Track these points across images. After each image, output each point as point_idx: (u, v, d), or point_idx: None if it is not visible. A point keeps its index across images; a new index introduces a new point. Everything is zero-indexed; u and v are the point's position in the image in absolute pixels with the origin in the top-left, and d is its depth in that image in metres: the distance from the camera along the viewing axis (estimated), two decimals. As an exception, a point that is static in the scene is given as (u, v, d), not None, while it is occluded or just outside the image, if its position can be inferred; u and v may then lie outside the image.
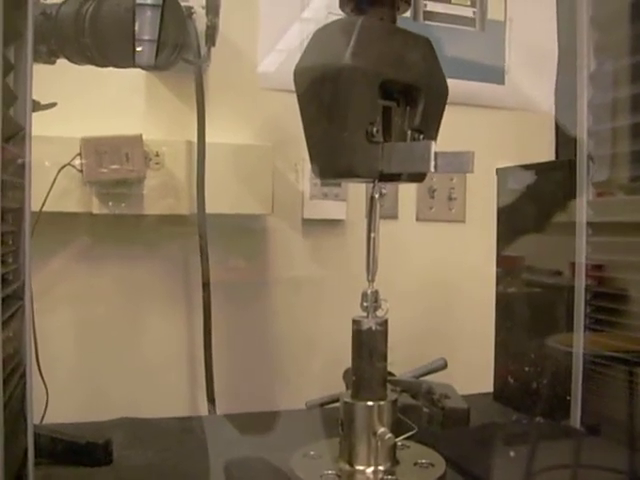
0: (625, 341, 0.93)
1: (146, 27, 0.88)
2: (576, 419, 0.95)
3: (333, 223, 1.34)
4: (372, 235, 0.74)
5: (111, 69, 0.96)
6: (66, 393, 1.14)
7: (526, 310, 1.12)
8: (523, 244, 1.11)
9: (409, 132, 0.74)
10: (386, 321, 0.74)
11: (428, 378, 1.12)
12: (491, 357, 1.23)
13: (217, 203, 1.20)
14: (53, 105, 0.93)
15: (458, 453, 0.82)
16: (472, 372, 1.21)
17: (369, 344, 0.74)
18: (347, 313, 0.77)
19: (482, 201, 1.35)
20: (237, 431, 1.01)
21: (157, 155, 1.18)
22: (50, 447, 0.88)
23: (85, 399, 1.18)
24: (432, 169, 0.66)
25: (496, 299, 1.20)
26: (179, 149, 1.20)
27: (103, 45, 0.83)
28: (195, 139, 1.19)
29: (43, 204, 1.07)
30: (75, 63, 0.89)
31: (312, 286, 1.31)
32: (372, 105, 0.71)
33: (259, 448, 0.90)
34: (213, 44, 1.16)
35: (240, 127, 1.27)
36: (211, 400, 1.22)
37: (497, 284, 1.20)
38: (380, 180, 0.74)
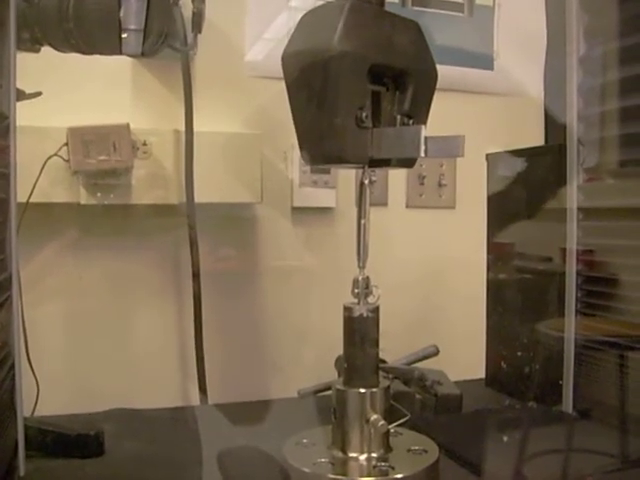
0: (616, 325, 0.93)
1: (132, 16, 0.87)
2: (568, 404, 0.95)
3: (323, 211, 1.33)
4: (362, 222, 0.74)
5: (97, 57, 0.95)
6: (57, 385, 1.13)
7: (517, 296, 1.12)
8: (513, 230, 1.11)
9: (399, 117, 0.74)
10: (377, 307, 0.74)
11: (420, 365, 1.12)
12: (482, 343, 1.23)
13: (206, 192, 1.19)
14: (38, 94, 0.92)
15: (451, 439, 0.82)
16: (463, 358, 1.21)
17: (360, 331, 0.73)
18: (338, 300, 0.77)
19: (472, 187, 1.34)
20: (229, 420, 1.01)
21: (145, 144, 1.17)
22: (41, 439, 0.88)
23: (76, 391, 1.17)
24: (422, 154, 0.66)
25: (487, 285, 1.20)
26: (167, 138, 1.19)
27: (87, 32, 0.81)
28: (183, 128, 1.18)
29: (30, 195, 1.06)
30: (59, 51, 0.88)
31: (302, 274, 1.30)
32: (361, 90, 0.70)
33: (251, 437, 0.90)
34: (199, 31, 1.15)
35: (228, 115, 1.26)
36: (203, 390, 1.22)
37: (488, 270, 1.20)
38: (370, 166, 0.73)
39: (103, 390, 1.17)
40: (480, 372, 1.24)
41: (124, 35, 0.86)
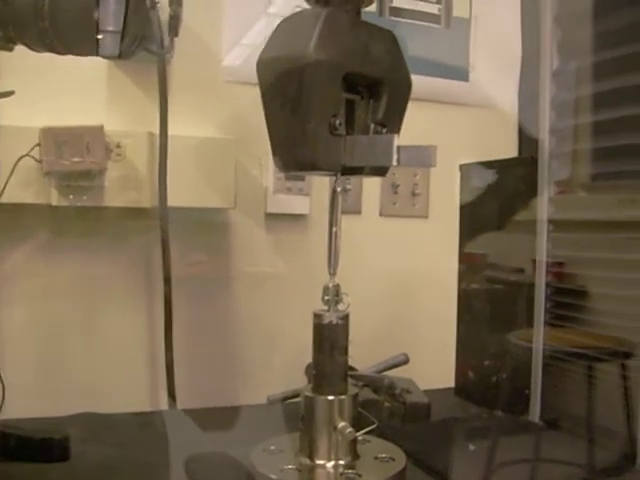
0: (584, 336, 0.94)
1: (110, 17, 0.86)
2: (535, 413, 0.96)
3: (296, 218, 1.33)
4: (334, 229, 0.74)
5: (72, 58, 0.95)
6: (23, 388, 1.12)
7: (487, 306, 1.13)
8: (485, 241, 1.12)
9: (372, 125, 0.74)
10: (347, 315, 0.74)
11: (390, 373, 1.12)
12: (452, 353, 1.23)
13: (179, 196, 1.18)
14: (11, 93, 0.91)
15: (418, 447, 0.82)
16: (434, 368, 1.22)
17: (330, 338, 0.73)
18: (309, 307, 0.76)
19: (446, 197, 1.35)
20: (197, 426, 1.01)
21: (118, 146, 1.16)
22: (4, 443, 0.86)
23: (43, 394, 1.16)
24: (395, 163, 0.66)
25: (458, 295, 1.21)
26: (141, 141, 1.18)
27: (62, 32, 0.81)
28: (157, 131, 1.18)
29: (0, 195, 1.05)
30: (34, 50, 0.87)
31: (275, 281, 1.30)
32: (335, 98, 0.70)
33: (219, 443, 0.89)
34: (176, 34, 1.15)
35: (203, 120, 1.26)
36: (172, 395, 1.21)
37: (459, 280, 1.20)
38: (342, 173, 0.73)
39: (71, 394, 1.15)
40: (450, 381, 1.24)
41: (101, 36, 0.85)
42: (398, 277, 1.38)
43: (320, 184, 1.31)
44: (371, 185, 1.39)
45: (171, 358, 1.21)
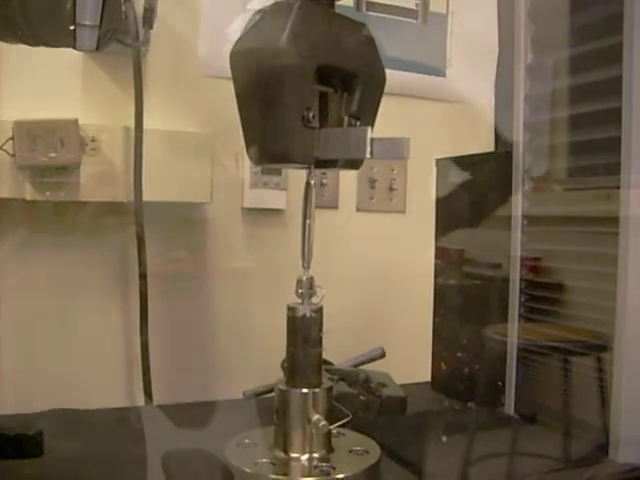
0: (560, 330, 0.94)
1: (87, 11, 0.85)
2: (510, 406, 0.97)
3: (273, 213, 1.33)
4: (307, 221, 0.74)
5: (46, 51, 0.93)
6: (-3, 385, 1.11)
7: (463, 301, 1.13)
8: (460, 235, 1.12)
9: (346, 118, 0.74)
10: (321, 308, 0.74)
11: (367, 368, 1.12)
12: (429, 347, 1.24)
13: (155, 191, 1.17)
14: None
15: (393, 440, 0.82)
16: (410, 362, 1.22)
17: (303, 331, 0.73)
18: (286, 302, 0.76)
19: (423, 192, 1.35)
20: (173, 421, 1.00)
21: (93, 140, 1.15)
22: (-24, 439, 0.86)
23: (17, 391, 1.15)
24: (368, 155, 0.67)
25: (434, 290, 1.21)
26: (116, 135, 1.17)
27: (33, 22, 0.80)
28: (133, 125, 1.17)
29: (-28, 189, 1.04)
30: (4, 41, 0.86)
31: (252, 276, 1.30)
32: (308, 90, 0.70)
33: (195, 438, 0.89)
34: (151, 27, 1.14)
35: (180, 114, 1.25)
36: (148, 392, 1.20)
37: (435, 275, 1.21)
38: (316, 166, 0.73)
39: (45, 391, 1.14)
40: (427, 375, 1.25)
41: (78, 31, 0.84)
42: (375, 272, 1.38)
43: (297, 179, 1.31)
44: (348, 180, 1.38)
45: (147, 354, 1.20)
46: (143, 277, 1.20)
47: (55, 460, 0.86)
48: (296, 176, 1.31)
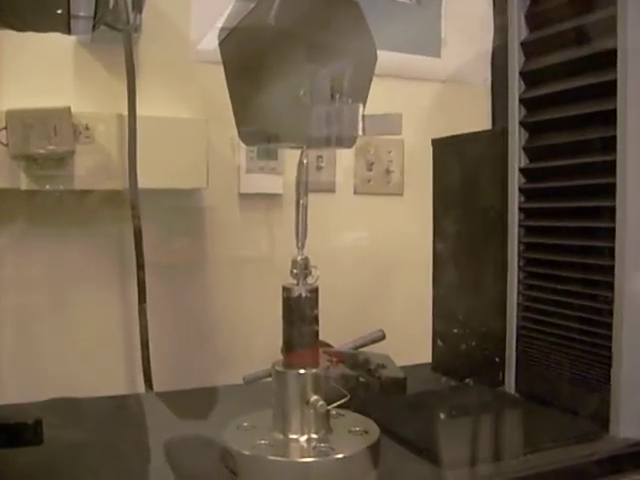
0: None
1: (81, 2, 0.85)
2: (511, 384, 0.96)
3: (270, 197, 1.32)
4: (301, 201, 0.74)
5: (37, 39, 0.93)
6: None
7: (461, 278, 1.12)
8: (458, 214, 1.12)
9: (337, 96, 0.73)
10: (316, 288, 0.74)
11: (367, 350, 1.12)
12: (429, 329, 1.23)
13: (151, 178, 1.17)
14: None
15: (392, 420, 0.82)
16: (411, 344, 1.22)
17: (299, 311, 0.73)
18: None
19: (420, 174, 1.34)
20: (173, 408, 1.00)
21: (87, 129, 1.14)
22: (-25, 428, 0.85)
23: (17, 381, 1.15)
24: (360, 132, 0.66)
25: (433, 271, 1.20)
26: (110, 122, 1.17)
27: (19, 6, 0.79)
28: (126, 112, 1.16)
29: (-34, 180, 1.04)
30: (-9, 28, 0.85)
31: (250, 261, 1.29)
32: (299, 68, 0.70)
33: (196, 424, 0.89)
34: (140, 11, 1.13)
35: (174, 100, 1.25)
36: (148, 380, 1.20)
37: (434, 258, 1.20)
38: (308, 146, 0.73)
39: (45, 381, 1.14)
40: (428, 356, 1.24)
41: (71, 20, 0.83)
42: (373, 254, 1.37)
43: (293, 163, 1.30)
44: (345, 163, 1.38)
45: (146, 341, 1.20)
46: (141, 264, 1.19)
47: (55, 448, 0.86)
48: (292, 161, 1.30)
